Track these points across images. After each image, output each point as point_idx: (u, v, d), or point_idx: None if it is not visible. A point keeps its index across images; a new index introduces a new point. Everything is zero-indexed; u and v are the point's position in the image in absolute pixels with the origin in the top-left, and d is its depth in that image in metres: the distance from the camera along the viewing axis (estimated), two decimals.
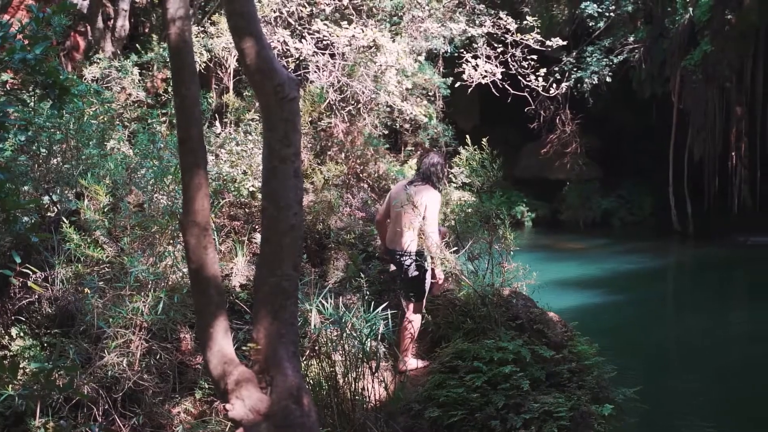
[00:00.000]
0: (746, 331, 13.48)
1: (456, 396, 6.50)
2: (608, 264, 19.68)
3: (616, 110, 26.15)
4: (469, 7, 17.47)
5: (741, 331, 13.64)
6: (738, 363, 11.63)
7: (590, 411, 6.57)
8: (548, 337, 7.68)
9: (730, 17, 21.24)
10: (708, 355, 11.83)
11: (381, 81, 11.58)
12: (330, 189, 9.92)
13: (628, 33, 24.21)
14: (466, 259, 9.20)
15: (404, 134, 21.61)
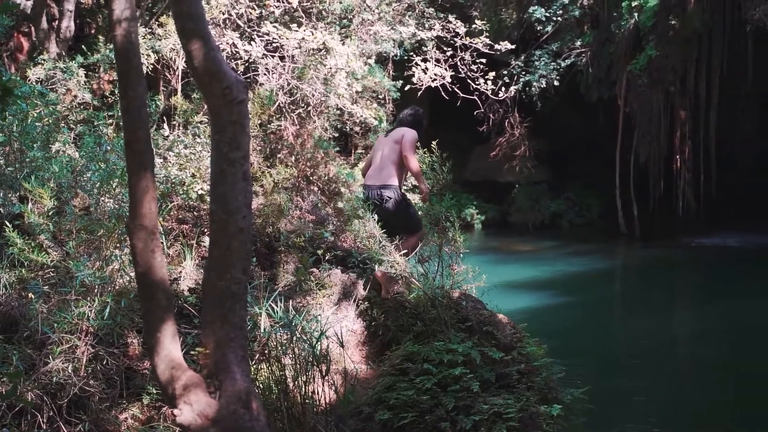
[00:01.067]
0: (692, 332, 13.73)
1: (406, 398, 6.51)
2: (557, 266, 19.89)
3: (564, 113, 26.47)
4: (418, 11, 17.56)
5: (687, 332, 13.89)
6: (684, 363, 11.83)
7: (539, 411, 6.63)
8: (498, 339, 7.74)
9: (674, 23, 21.66)
10: (655, 356, 12.01)
11: (331, 84, 11.55)
12: (280, 192, 9.87)
13: (576, 37, 24.55)
14: (416, 262, 9.23)
15: (354, 137, 21.64)
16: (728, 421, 9.22)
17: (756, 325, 13.51)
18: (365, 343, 8.02)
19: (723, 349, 12.14)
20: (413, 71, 14.09)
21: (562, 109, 26.02)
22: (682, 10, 21.72)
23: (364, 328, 8.15)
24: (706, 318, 14.33)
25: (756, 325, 13.51)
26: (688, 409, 9.65)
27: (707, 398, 9.97)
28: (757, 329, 13.21)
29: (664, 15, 21.92)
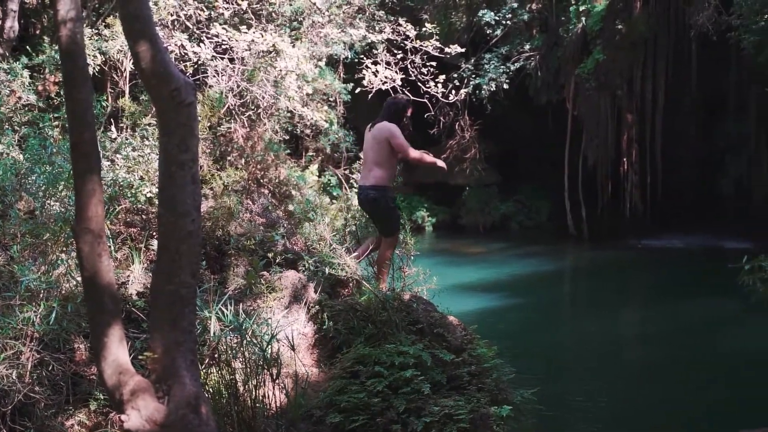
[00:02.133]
0: (640, 332, 13.94)
1: (357, 401, 6.50)
2: (507, 267, 20.05)
3: (514, 116, 26.71)
4: (369, 14, 17.57)
5: (635, 332, 14.10)
6: (632, 363, 12.01)
7: (489, 413, 6.66)
8: (448, 341, 7.76)
9: (620, 27, 21.99)
10: (604, 356, 12.17)
11: (281, 86, 11.51)
12: (230, 195, 9.80)
13: (525, 41, 24.81)
14: (367, 264, 9.23)
15: (305, 140, 21.60)
16: (674, 420, 9.37)
17: (701, 324, 13.77)
18: (316, 346, 7.98)
19: (670, 349, 12.34)
20: (364, 74, 14.07)
21: (512, 112, 26.26)
22: (629, 15, 22.09)
23: (315, 331, 8.11)
24: (653, 318, 14.56)
25: (701, 324, 13.77)
26: (636, 408, 9.79)
27: (655, 398, 10.12)
28: (702, 329, 13.46)
29: (611, 19, 22.26)
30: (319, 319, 8.12)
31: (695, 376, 10.90)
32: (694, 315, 14.46)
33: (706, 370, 11.12)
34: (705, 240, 22.27)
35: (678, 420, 9.32)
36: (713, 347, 12.38)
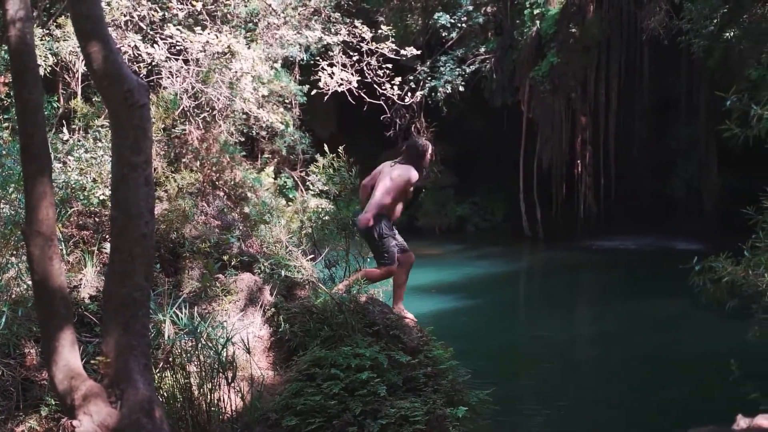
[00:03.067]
0: (594, 332, 14.08)
1: (313, 404, 6.49)
2: (463, 269, 20.14)
3: (470, 119, 26.86)
4: (324, 15, 17.55)
5: (589, 333, 14.23)
6: (586, 363, 12.12)
7: (445, 414, 6.69)
8: (405, 343, 7.78)
9: (574, 30, 22.24)
10: (558, 356, 12.26)
11: (236, 88, 11.44)
12: (184, 197, 9.72)
13: (480, 44, 24.98)
14: (323, 266, 9.22)
15: (261, 142, 21.50)
16: (628, 418, 9.48)
17: (653, 324, 13.96)
18: (272, 349, 7.96)
19: (623, 349, 12.48)
20: (320, 76, 14.04)
21: (468, 114, 26.41)
22: (582, 19, 22.36)
23: (270, 334, 8.08)
24: (607, 319, 14.72)
25: (653, 324, 13.96)
26: (590, 408, 9.88)
27: (608, 397, 10.23)
28: (655, 329, 13.65)
29: (565, 23, 22.51)
30: (275, 322, 8.10)
31: (648, 376, 11.03)
32: (646, 315, 14.66)
33: (659, 370, 11.27)
34: (657, 241, 22.59)
35: (631, 419, 9.43)
36: (665, 347, 12.56)
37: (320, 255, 9.48)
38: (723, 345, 12.06)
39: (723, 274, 5.60)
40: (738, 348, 11.59)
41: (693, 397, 10.03)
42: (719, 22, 16.53)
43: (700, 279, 5.72)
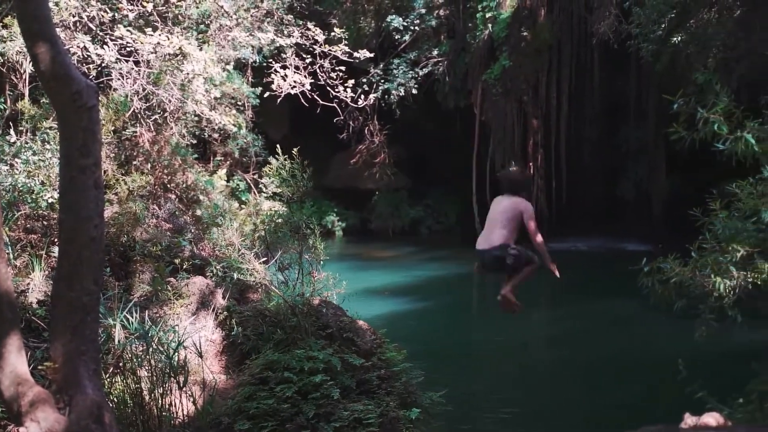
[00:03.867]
0: (546, 333, 14.22)
1: (266, 407, 6.46)
2: (416, 271, 20.19)
3: (423, 121, 26.96)
4: (277, 17, 17.49)
5: (541, 334, 14.37)
6: (538, 363, 12.24)
7: (398, 416, 6.71)
8: (358, 346, 7.79)
9: (525, 34, 22.45)
10: (510, 357, 12.36)
11: (188, 89, 11.33)
12: (135, 200, 9.62)
13: (432, 47, 25.09)
14: (276, 270, 9.18)
15: (213, 144, 21.34)
16: (580, 417, 9.58)
17: (604, 325, 14.14)
18: (224, 353, 7.91)
19: (574, 349, 12.62)
20: (273, 78, 13.97)
21: (421, 117, 26.50)
22: (533, 23, 22.57)
23: (223, 338, 8.04)
24: (559, 319, 14.87)
25: (604, 325, 14.14)
26: (542, 407, 9.97)
27: (560, 397, 10.35)
28: (605, 329, 13.82)
29: (516, 26, 22.71)
30: (228, 326, 8.05)
31: (599, 376, 11.17)
32: (597, 316, 14.83)
33: (609, 370, 11.41)
34: (607, 243, 22.86)
35: (582, 418, 9.54)
36: (615, 347, 12.72)
37: (273, 258, 9.44)
38: (671, 345, 12.24)
39: (671, 275, 5.68)
40: (686, 348, 11.80)
41: (642, 396, 10.17)
42: (667, 27, 16.78)
43: (649, 280, 5.80)
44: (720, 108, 5.23)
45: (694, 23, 16.16)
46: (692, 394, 6.07)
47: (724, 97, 5.29)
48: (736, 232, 5.48)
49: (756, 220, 5.40)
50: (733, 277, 5.37)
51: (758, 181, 5.44)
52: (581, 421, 9.44)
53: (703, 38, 15.53)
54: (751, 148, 5.17)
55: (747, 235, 5.45)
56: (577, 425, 9.35)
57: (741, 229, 5.48)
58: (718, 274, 5.44)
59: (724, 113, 5.24)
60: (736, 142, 5.18)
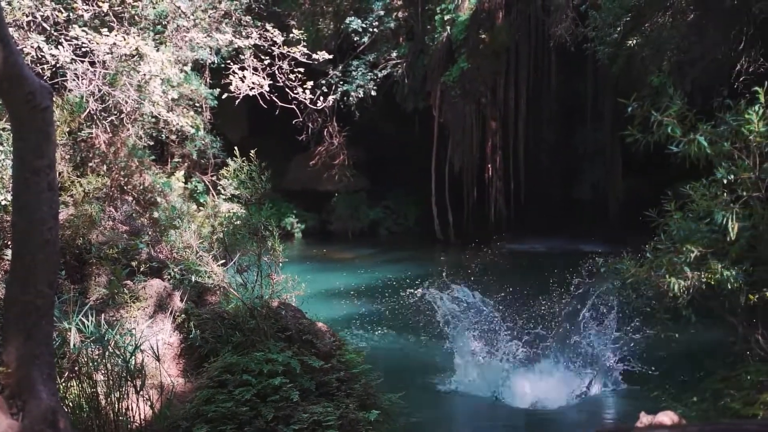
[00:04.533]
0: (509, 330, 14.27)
1: (225, 410, 6.43)
2: (376, 273, 20.21)
3: (382, 123, 26.99)
4: (235, 18, 17.36)
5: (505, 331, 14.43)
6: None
7: (358, 418, 6.71)
8: (317, 348, 7.78)
9: (483, 36, 22.60)
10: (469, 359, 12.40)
11: (145, 91, 11.22)
12: (91, 202, 9.51)
13: (391, 48, 25.13)
14: (235, 272, 9.13)
15: (171, 145, 21.15)
16: (539, 416, 9.65)
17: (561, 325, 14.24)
18: (182, 356, 7.85)
19: (534, 345, 12.70)
20: (231, 79, 13.89)
21: (380, 118, 26.53)
22: (491, 25, 22.72)
23: (181, 341, 7.98)
24: (517, 320, 14.93)
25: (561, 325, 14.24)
26: (502, 407, 10.03)
27: (522, 395, 10.41)
28: (562, 330, 13.92)
29: (475, 29, 22.85)
30: (186, 328, 8.00)
31: (558, 376, 11.26)
32: (554, 316, 14.94)
33: (568, 370, 11.50)
34: (565, 243, 23.07)
35: (541, 417, 9.61)
36: (573, 347, 12.82)
37: (232, 260, 9.38)
38: (627, 345, 12.40)
39: (627, 276, 5.75)
40: (641, 347, 11.96)
41: (599, 395, 10.28)
42: (623, 30, 16.99)
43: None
44: (673, 111, 5.31)
45: (649, 27, 16.39)
46: (648, 393, 6.16)
47: (677, 100, 5.38)
48: (690, 233, 5.57)
49: (709, 222, 5.49)
50: (687, 278, 5.46)
51: (711, 182, 5.53)
52: (540, 419, 9.52)
53: (657, 42, 15.75)
54: (704, 150, 5.26)
55: (701, 236, 5.54)
56: (536, 423, 9.43)
57: (695, 230, 5.57)
58: (672, 274, 5.52)
59: (678, 116, 5.32)
60: (689, 144, 5.27)
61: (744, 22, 12.76)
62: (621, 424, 5.99)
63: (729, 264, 5.45)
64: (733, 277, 5.38)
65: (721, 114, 5.44)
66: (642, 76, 16.74)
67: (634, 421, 4.20)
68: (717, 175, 5.43)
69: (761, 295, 5.51)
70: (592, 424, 8.63)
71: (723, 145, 5.32)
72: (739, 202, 5.39)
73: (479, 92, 23.71)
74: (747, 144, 5.30)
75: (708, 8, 13.68)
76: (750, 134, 5.22)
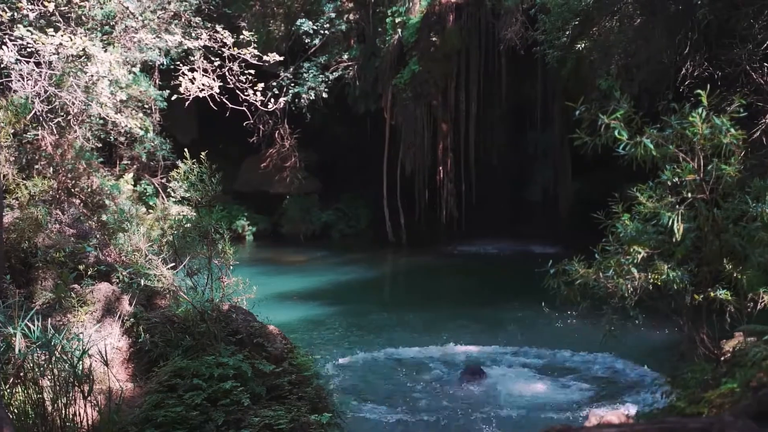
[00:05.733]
0: (456, 336, 14.36)
1: (174, 415, 6.37)
2: (328, 275, 20.22)
3: (333, 125, 27.00)
4: (185, 20, 17.24)
5: (451, 336, 14.51)
6: (450, 366, 12.35)
7: (309, 421, 6.70)
8: (268, 351, 7.75)
9: (434, 39, 22.73)
10: (421, 361, 12.45)
11: (93, 92, 11.06)
12: (37, 205, 9.34)
13: (343, 51, 25.16)
14: (185, 275, 9.05)
15: (120, 148, 20.91)
16: (491, 414, 9.72)
17: (510, 326, 14.39)
18: (131, 361, 7.75)
19: (484, 350, 12.81)
20: (180, 81, 13.76)
21: (331, 121, 26.53)
22: (442, 28, 22.86)
23: (130, 345, 7.87)
24: (467, 321, 15.04)
25: (510, 326, 14.39)
26: (456, 409, 10.09)
27: (474, 396, 10.48)
28: (511, 330, 14.08)
29: (426, 32, 22.98)
30: (135, 332, 7.90)
31: (509, 376, 11.36)
32: (504, 317, 15.10)
33: (517, 370, 11.62)
34: (515, 245, 23.31)
35: (494, 416, 9.68)
36: (522, 348, 12.97)
37: (182, 263, 9.30)
38: (577, 345, 12.57)
39: (576, 277, 5.82)
40: (591, 347, 12.13)
41: (548, 395, 10.39)
42: (571, 34, 17.22)
43: (554, 282, 5.93)
44: (620, 114, 5.39)
45: (597, 31, 16.63)
46: (597, 393, 6.24)
47: (624, 104, 5.46)
48: (637, 234, 5.65)
49: (656, 223, 5.59)
50: (635, 278, 5.54)
51: (657, 185, 5.63)
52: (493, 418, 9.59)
53: (605, 45, 15.99)
54: (650, 152, 5.35)
55: (647, 237, 5.63)
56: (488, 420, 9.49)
57: (642, 232, 5.65)
58: (620, 275, 5.60)
59: (625, 119, 5.41)
60: (635, 147, 5.35)
61: (688, 27, 13.00)
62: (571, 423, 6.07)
63: (675, 265, 5.55)
64: (679, 278, 5.48)
65: (666, 117, 5.54)
66: (590, 79, 16.98)
67: (584, 420, 4.26)
68: (663, 178, 5.53)
69: (706, 295, 5.62)
70: (542, 423, 8.70)
71: (668, 147, 5.41)
72: (684, 204, 5.49)
73: (430, 95, 23.84)
74: (691, 147, 5.41)
75: (654, 13, 13.91)
76: (694, 137, 5.32)
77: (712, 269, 5.69)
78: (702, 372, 5.43)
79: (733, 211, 5.54)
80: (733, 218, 5.57)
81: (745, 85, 11.59)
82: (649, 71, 14.55)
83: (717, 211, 5.53)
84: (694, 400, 4.96)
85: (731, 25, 12.11)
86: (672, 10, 13.45)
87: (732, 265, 5.57)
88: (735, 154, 5.44)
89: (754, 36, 11.85)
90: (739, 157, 5.47)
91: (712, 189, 5.49)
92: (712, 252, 5.61)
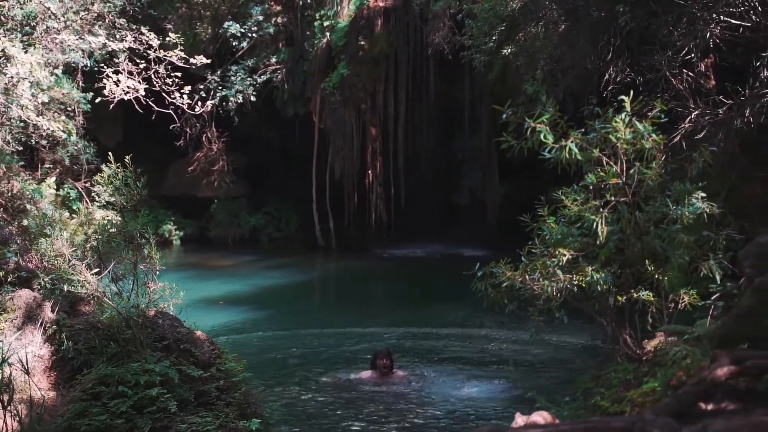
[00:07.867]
0: (385, 339, 14.40)
1: (99, 423, 6.25)
2: (256, 280, 20.08)
3: (262, 129, 26.87)
4: (109, 21, 16.91)
5: (380, 339, 14.54)
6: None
7: (238, 427, 6.64)
8: (196, 357, 7.65)
9: (363, 43, 22.81)
10: (350, 364, 12.43)
11: (13, 94, 10.82)
12: None
13: (271, 54, 25.06)
14: (110, 281, 8.88)
15: (41, 151, 20.48)
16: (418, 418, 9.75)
17: (439, 327, 14.49)
18: (54, 369, 7.57)
19: (412, 352, 12.86)
20: (105, 83, 13.52)
21: (260, 124, 26.39)
22: (371, 32, 22.95)
23: (52, 353, 7.69)
24: (397, 324, 15.09)
25: (439, 327, 14.49)
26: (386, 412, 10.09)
27: (402, 397, 10.51)
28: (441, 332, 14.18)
29: (354, 35, 23.04)
30: (57, 340, 7.72)
31: (436, 379, 11.42)
32: (433, 319, 15.20)
33: (445, 372, 11.69)
34: (444, 248, 23.51)
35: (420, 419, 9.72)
36: (451, 350, 13.07)
37: (106, 269, 9.13)
38: (504, 347, 12.73)
39: (502, 280, 5.90)
40: (517, 349, 12.30)
41: (476, 397, 10.47)
42: (498, 39, 17.44)
43: (482, 284, 6.00)
44: (546, 118, 5.49)
45: (523, 36, 16.87)
46: (523, 394, 6.32)
47: (550, 108, 5.56)
48: (562, 237, 5.76)
49: (580, 226, 5.70)
50: (560, 280, 5.64)
51: (581, 188, 5.74)
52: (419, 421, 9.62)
53: (531, 51, 16.22)
54: (575, 156, 5.46)
55: (572, 239, 5.74)
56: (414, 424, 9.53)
57: (567, 234, 5.76)
58: (546, 277, 5.70)
59: (550, 123, 5.50)
60: (561, 150, 5.45)
61: (611, 34, 13.25)
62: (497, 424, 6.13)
63: (599, 267, 5.67)
64: (602, 280, 5.60)
65: (590, 121, 5.66)
66: (517, 83, 17.22)
67: (510, 422, 4.30)
68: (587, 181, 5.65)
69: (628, 296, 5.75)
70: (468, 426, 8.77)
71: (592, 151, 5.53)
72: (608, 207, 5.61)
73: (359, 98, 23.90)
74: (615, 151, 5.53)
75: (578, 19, 14.15)
76: (617, 141, 5.45)
77: (635, 271, 5.82)
78: (624, 372, 5.55)
79: (654, 213, 5.68)
80: (655, 221, 5.72)
81: (666, 90, 11.87)
82: (574, 76, 14.81)
83: (639, 213, 5.67)
84: (617, 399, 5.06)
85: (652, 32, 12.38)
86: (595, 16, 13.70)
87: (654, 266, 5.71)
88: (656, 158, 5.59)
89: (674, 43, 12.14)
90: (660, 161, 5.62)
91: (635, 192, 5.63)
92: (635, 254, 5.75)
